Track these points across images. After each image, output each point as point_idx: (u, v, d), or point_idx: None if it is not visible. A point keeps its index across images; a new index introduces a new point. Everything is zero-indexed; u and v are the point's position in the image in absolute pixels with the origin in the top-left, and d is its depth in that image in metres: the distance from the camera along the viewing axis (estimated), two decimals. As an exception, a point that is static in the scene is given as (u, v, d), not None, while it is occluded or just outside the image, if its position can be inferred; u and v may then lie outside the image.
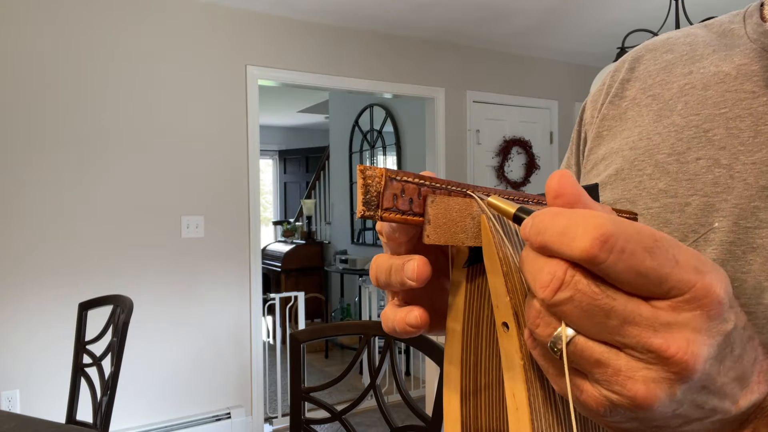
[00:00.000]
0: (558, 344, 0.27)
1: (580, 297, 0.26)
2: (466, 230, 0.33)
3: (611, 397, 0.27)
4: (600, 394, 0.27)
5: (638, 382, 0.26)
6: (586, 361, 0.27)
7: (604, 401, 0.27)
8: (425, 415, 1.22)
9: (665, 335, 0.26)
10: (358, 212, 0.31)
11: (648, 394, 0.26)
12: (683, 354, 0.26)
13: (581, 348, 0.27)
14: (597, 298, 0.26)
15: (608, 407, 0.27)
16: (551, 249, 0.26)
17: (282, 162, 8.57)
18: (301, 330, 1.33)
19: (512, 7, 3.37)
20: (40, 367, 2.76)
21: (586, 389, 0.28)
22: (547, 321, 0.27)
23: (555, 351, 0.27)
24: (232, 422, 3.18)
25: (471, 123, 4.14)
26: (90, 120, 2.90)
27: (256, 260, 3.33)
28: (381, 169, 0.32)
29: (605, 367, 0.27)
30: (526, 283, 0.29)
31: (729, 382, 0.28)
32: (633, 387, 0.26)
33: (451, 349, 0.37)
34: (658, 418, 0.27)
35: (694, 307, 0.26)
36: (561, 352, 0.27)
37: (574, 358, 0.27)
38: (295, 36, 3.47)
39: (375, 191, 0.31)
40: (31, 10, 2.77)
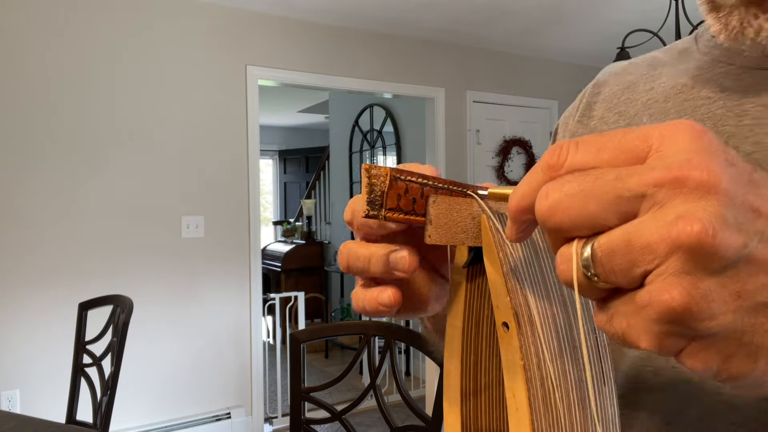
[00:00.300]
0: (588, 268, 0.24)
1: (568, 188, 0.24)
2: (466, 230, 0.33)
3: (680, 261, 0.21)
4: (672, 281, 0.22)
5: (679, 222, 0.21)
6: (621, 256, 0.23)
7: (679, 284, 0.22)
8: (425, 415, 1.22)
9: (662, 166, 0.23)
10: (362, 212, 0.31)
11: (697, 229, 0.21)
12: (689, 168, 0.22)
13: (606, 246, 0.23)
14: (584, 179, 0.24)
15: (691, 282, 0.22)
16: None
17: (282, 162, 8.57)
18: (301, 330, 1.34)
19: (512, 7, 3.37)
20: (40, 367, 2.76)
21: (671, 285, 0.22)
22: (566, 256, 0.25)
23: (590, 275, 0.24)
24: (232, 422, 3.18)
25: (471, 123, 4.14)
26: (90, 120, 2.90)
27: (256, 260, 3.33)
28: (386, 168, 0.31)
29: (637, 239, 0.22)
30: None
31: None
32: (680, 227, 0.21)
33: (451, 348, 0.37)
34: (732, 259, 0.22)
35: (673, 139, 0.23)
36: (589, 266, 0.23)
37: (611, 266, 0.23)
38: (295, 36, 3.47)
39: (379, 190, 0.31)
40: (31, 10, 2.77)
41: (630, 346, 0.24)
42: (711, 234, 0.21)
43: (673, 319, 0.22)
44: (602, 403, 0.33)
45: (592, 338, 0.34)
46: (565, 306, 0.33)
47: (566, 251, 0.24)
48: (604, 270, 0.23)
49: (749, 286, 0.22)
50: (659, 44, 3.00)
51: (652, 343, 0.23)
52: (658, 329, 0.22)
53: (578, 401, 0.32)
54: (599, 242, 0.23)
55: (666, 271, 0.22)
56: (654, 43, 3.19)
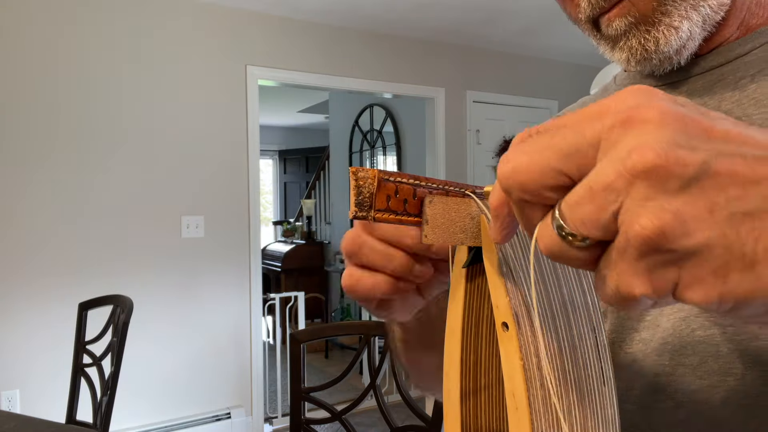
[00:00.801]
0: (562, 228, 0.23)
1: (526, 147, 0.25)
2: (465, 230, 0.33)
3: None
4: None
5: (632, 154, 0.21)
6: (586, 205, 0.23)
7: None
8: (425, 415, 1.22)
9: (613, 114, 0.23)
10: (351, 213, 0.31)
11: (650, 156, 0.21)
12: (638, 109, 0.22)
13: (570, 199, 0.23)
14: (541, 137, 0.25)
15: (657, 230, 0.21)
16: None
17: (282, 162, 8.57)
18: (301, 330, 1.33)
19: (512, 7, 3.37)
20: (40, 367, 2.76)
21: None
22: (541, 226, 0.25)
23: (564, 235, 0.24)
24: (232, 422, 3.18)
25: (471, 123, 4.14)
26: (90, 120, 2.90)
27: (256, 260, 3.33)
28: (374, 170, 0.31)
29: (597, 183, 0.22)
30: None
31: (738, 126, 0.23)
32: (634, 159, 0.21)
33: (451, 348, 0.37)
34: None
35: (623, 97, 0.23)
36: (561, 226, 0.23)
37: (580, 217, 0.23)
38: (295, 36, 3.47)
39: (368, 192, 0.31)
40: (30, 9, 2.77)
41: (627, 300, 0.23)
42: (664, 156, 0.21)
43: (652, 248, 0.21)
44: (602, 403, 0.33)
45: (592, 338, 0.34)
46: (565, 306, 0.33)
47: (543, 226, 0.25)
48: (574, 224, 0.23)
49: (720, 200, 0.21)
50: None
51: (644, 284, 0.22)
52: (643, 266, 0.22)
53: (578, 401, 0.32)
54: (565, 200, 0.23)
55: (631, 205, 0.21)
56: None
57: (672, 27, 0.48)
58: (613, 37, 0.52)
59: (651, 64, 0.52)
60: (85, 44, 2.89)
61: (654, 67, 0.52)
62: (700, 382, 0.47)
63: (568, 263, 0.25)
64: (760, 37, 0.50)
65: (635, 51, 0.50)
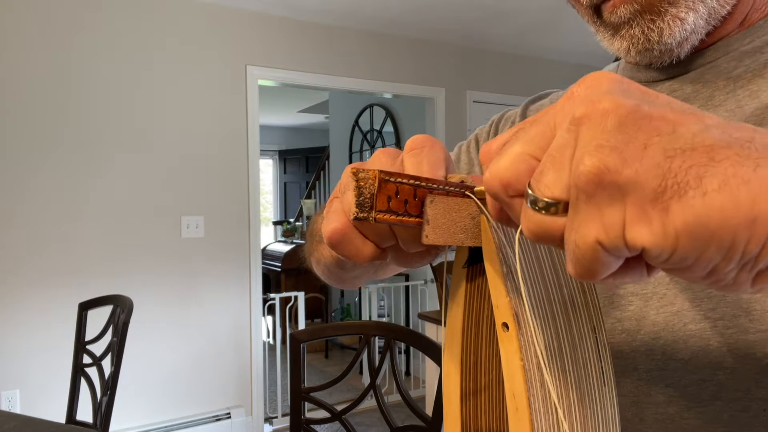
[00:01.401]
0: (535, 202, 0.25)
1: (504, 148, 0.27)
2: (466, 230, 0.33)
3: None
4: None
5: (571, 102, 0.25)
6: (547, 171, 0.25)
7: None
8: (425, 415, 1.22)
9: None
10: (351, 214, 0.31)
11: (585, 106, 0.24)
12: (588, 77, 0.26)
13: (536, 173, 0.25)
14: (516, 137, 0.27)
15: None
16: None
17: (282, 162, 8.57)
18: (301, 330, 1.33)
19: (512, 7, 3.37)
20: (40, 367, 2.76)
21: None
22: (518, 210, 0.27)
23: (538, 208, 0.25)
24: (232, 422, 3.18)
25: (471, 123, 4.14)
26: (90, 120, 2.90)
27: (256, 260, 3.33)
28: (374, 170, 0.31)
29: (554, 147, 0.25)
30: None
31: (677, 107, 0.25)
32: (572, 105, 0.25)
33: (451, 348, 0.37)
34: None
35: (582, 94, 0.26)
36: (534, 200, 0.25)
37: (545, 183, 0.25)
38: (295, 36, 3.47)
39: (368, 193, 0.31)
40: (30, 10, 2.77)
41: (587, 252, 0.23)
42: (601, 102, 0.23)
43: (597, 184, 0.23)
44: (602, 403, 0.33)
45: (592, 338, 0.34)
46: (565, 306, 0.33)
47: (524, 211, 0.26)
48: (541, 191, 0.25)
49: (653, 136, 0.23)
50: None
51: (597, 227, 0.23)
52: (593, 209, 0.23)
53: (578, 401, 0.32)
54: (534, 177, 0.25)
55: (578, 151, 0.23)
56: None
57: (678, 18, 0.47)
58: (615, 24, 0.50)
59: (651, 55, 0.51)
60: (85, 44, 2.89)
61: (653, 58, 0.52)
62: (691, 376, 0.47)
63: (549, 240, 0.26)
64: (758, 31, 0.50)
65: (637, 40, 0.49)
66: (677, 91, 0.53)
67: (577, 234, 0.24)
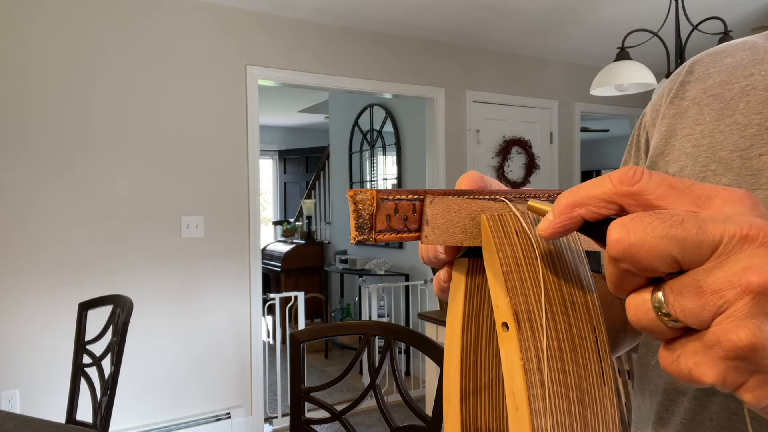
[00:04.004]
0: (661, 308, 0.26)
1: (652, 229, 0.26)
2: (465, 230, 0.33)
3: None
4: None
5: (748, 272, 0.24)
6: (691, 299, 0.25)
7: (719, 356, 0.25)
8: (425, 415, 1.22)
9: (734, 223, 0.25)
10: (352, 238, 0.32)
11: (764, 279, 0.24)
12: (756, 229, 0.25)
13: (677, 290, 0.26)
14: (668, 222, 0.26)
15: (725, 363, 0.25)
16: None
17: (282, 162, 8.57)
18: (301, 330, 1.33)
19: (512, 7, 3.37)
20: (40, 367, 2.76)
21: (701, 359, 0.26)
22: (639, 301, 0.27)
23: (661, 314, 0.26)
24: (232, 422, 3.18)
25: (471, 123, 4.14)
26: (90, 120, 2.90)
27: (256, 260, 3.33)
28: (372, 191, 0.31)
29: (708, 284, 0.25)
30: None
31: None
32: (749, 277, 0.24)
33: (451, 348, 0.37)
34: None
35: (734, 203, 0.27)
36: (661, 307, 0.26)
37: (682, 307, 0.26)
38: (295, 36, 3.47)
39: (367, 214, 0.31)
40: (29, 10, 2.77)
41: (695, 382, 0.26)
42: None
43: (739, 356, 0.24)
44: (602, 403, 0.33)
45: (592, 338, 0.34)
46: (565, 306, 0.33)
47: (638, 297, 0.27)
48: (675, 310, 0.26)
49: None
50: (659, 44, 3.00)
51: (718, 378, 0.25)
52: (724, 366, 0.25)
53: (578, 401, 0.32)
54: (670, 285, 0.26)
55: (734, 314, 0.24)
56: (654, 43, 3.20)
57: None
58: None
59: None
60: (85, 44, 2.89)
61: None
62: None
63: (651, 333, 0.27)
64: None
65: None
66: None
67: (696, 368, 0.26)
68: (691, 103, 0.56)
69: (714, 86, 0.54)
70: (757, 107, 0.49)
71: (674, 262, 0.26)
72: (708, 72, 0.56)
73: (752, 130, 0.49)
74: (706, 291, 0.25)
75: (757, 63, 0.52)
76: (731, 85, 0.53)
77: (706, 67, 0.57)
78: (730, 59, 0.55)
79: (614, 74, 2.51)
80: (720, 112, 0.52)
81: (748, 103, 0.50)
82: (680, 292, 0.25)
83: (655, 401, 0.56)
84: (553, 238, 0.30)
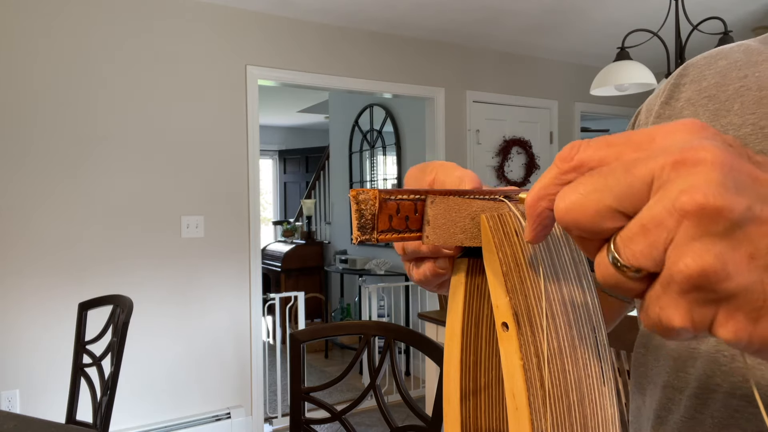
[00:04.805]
0: (617, 261, 0.25)
1: (583, 188, 0.26)
2: (465, 230, 0.33)
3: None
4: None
5: (682, 195, 0.23)
6: (638, 240, 0.24)
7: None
8: (425, 415, 1.22)
9: (664, 152, 0.24)
10: (354, 238, 0.32)
11: (698, 197, 0.22)
12: (688, 150, 0.23)
13: (624, 235, 0.24)
14: (596, 177, 0.26)
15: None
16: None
17: (282, 162, 8.57)
18: (301, 330, 1.33)
19: (512, 7, 3.37)
20: (40, 367, 2.76)
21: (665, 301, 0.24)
22: (599, 259, 0.26)
23: (619, 266, 0.25)
24: (232, 422, 3.18)
25: (471, 123, 4.14)
26: (90, 120, 2.90)
27: (256, 260, 3.33)
28: (374, 190, 0.31)
29: (649, 220, 0.24)
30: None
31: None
32: (684, 199, 0.23)
33: (451, 348, 0.37)
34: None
35: (674, 133, 0.25)
36: (616, 259, 0.25)
37: (633, 251, 0.24)
38: (295, 36, 3.47)
39: (370, 214, 0.31)
40: (30, 10, 2.77)
41: (667, 330, 0.24)
42: (712, 199, 0.22)
43: (694, 286, 0.23)
44: (602, 403, 0.33)
45: (592, 338, 0.34)
46: (565, 306, 0.33)
47: (599, 258, 0.26)
48: (627, 257, 0.24)
49: (761, 246, 0.22)
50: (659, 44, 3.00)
51: (684, 317, 0.24)
52: (684, 302, 0.23)
53: (578, 401, 0.32)
54: (620, 234, 0.25)
55: (678, 242, 0.23)
56: (654, 43, 3.20)
57: None
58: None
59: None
60: (85, 44, 2.89)
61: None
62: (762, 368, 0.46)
63: (622, 293, 0.26)
64: None
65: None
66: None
67: (662, 312, 0.24)
68: (686, 103, 0.57)
69: (709, 87, 0.55)
70: (752, 107, 0.51)
71: (617, 214, 0.25)
72: (702, 74, 0.57)
73: (747, 130, 0.50)
74: (650, 228, 0.24)
75: (750, 65, 0.54)
76: (726, 86, 0.54)
77: (700, 70, 0.58)
78: (724, 62, 0.56)
79: (614, 74, 2.51)
80: (715, 113, 0.53)
81: (742, 103, 0.52)
82: (629, 237, 0.24)
83: (654, 400, 0.56)
84: (536, 240, 0.30)
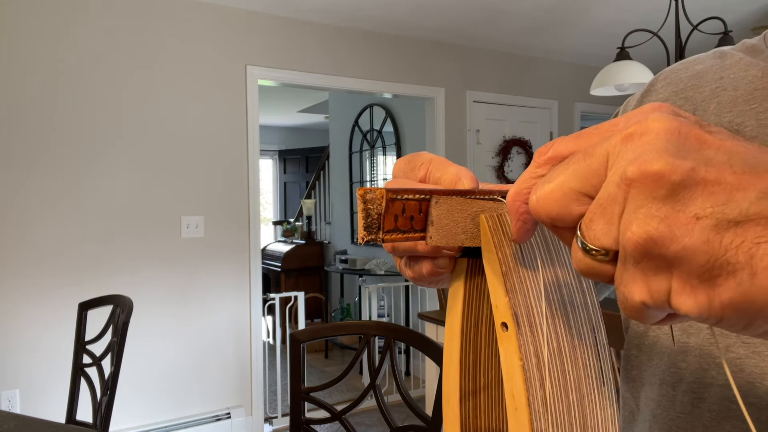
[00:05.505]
0: (585, 245, 0.25)
1: (548, 178, 0.26)
2: (466, 231, 0.33)
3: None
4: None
5: (628, 166, 0.23)
6: (598, 220, 0.24)
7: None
8: (425, 415, 1.22)
9: (618, 133, 0.24)
10: (360, 238, 0.31)
11: (639, 164, 0.22)
12: (635, 124, 0.24)
13: (586, 218, 0.25)
14: (560, 168, 0.26)
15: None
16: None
17: (282, 162, 8.57)
18: (301, 330, 1.34)
19: (512, 7, 3.37)
20: (40, 367, 2.76)
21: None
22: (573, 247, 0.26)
23: (588, 250, 0.25)
24: (232, 422, 3.18)
25: (471, 123, 4.14)
26: (90, 120, 2.90)
27: (256, 260, 3.33)
28: (381, 189, 0.31)
29: (604, 198, 0.24)
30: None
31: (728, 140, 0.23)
32: (628, 169, 0.23)
33: (451, 348, 0.37)
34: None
35: (635, 116, 0.25)
36: (584, 243, 0.25)
37: (595, 232, 0.24)
38: (296, 36, 3.47)
39: (376, 214, 0.31)
40: (32, 10, 2.77)
41: (632, 306, 0.24)
42: (654, 165, 0.22)
43: (643, 253, 0.22)
44: (602, 403, 0.33)
45: (592, 338, 0.34)
46: (564, 306, 0.33)
47: (573, 246, 0.26)
48: (590, 239, 0.24)
49: (706, 206, 0.22)
50: (659, 44, 3.00)
51: (642, 290, 0.23)
52: (640, 274, 0.23)
53: (578, 401, 0.32)
54: (583, 219, 0.25)
55: (627, 212, 0.23)
56: (654, 43, 3.20)
57: None
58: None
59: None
60: (85, 44, 2.89)
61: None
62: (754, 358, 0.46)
63: (599, 278, 0.26)
64: None
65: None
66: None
67: (625, 289, 0.24)
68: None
69: (686, 89, 0.57)
70: (727, 106, 0.52)
71: (582, 197, 0.25)
72: (679, 77, 0.59)
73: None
74: (605, 204, 0.24)
75: (726, 68, 0.55)
76: (702, 88, 0.56)
77: (677, 73, 0.60)
78: (701, 66, 0.58)
79: (614, 74, 2.51)
80: (692, 114, 0.54)
81: (718, 103, 0.53)
82: (590, 219, 0.24)
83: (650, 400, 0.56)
84: (522, 239, 0.30)
